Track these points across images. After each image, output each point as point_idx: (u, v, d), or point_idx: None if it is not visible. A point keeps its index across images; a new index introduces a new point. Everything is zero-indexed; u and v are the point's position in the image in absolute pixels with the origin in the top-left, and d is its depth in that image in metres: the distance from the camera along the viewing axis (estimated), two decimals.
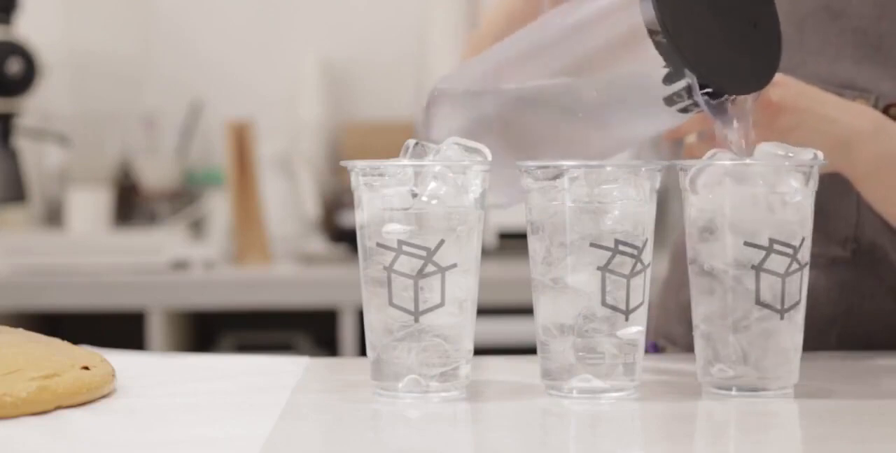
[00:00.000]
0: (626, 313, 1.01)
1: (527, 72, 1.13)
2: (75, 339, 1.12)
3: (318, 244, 2.73)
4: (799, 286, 1.02)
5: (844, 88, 1.23)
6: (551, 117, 1.13)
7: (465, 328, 1.03)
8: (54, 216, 2.87)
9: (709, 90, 1.02)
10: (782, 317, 1.02)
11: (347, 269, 2.52)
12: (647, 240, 1.01)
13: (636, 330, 1.02)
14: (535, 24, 1.17)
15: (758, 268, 1.01)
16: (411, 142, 1.03)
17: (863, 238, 1.26)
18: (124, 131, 2.91)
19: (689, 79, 1.02)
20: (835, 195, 1.23)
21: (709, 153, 1.05)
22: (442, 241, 1.00)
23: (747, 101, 1.05)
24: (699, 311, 1.04)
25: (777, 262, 1.01)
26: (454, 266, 1.01)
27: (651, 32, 1.02)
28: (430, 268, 1.00)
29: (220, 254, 2.63)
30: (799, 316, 1.03)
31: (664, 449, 0.91)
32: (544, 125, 1.14)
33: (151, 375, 1.11)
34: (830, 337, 1.28)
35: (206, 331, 2.78)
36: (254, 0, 3.00)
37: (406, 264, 1.00)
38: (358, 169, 1.03)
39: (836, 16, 1.26)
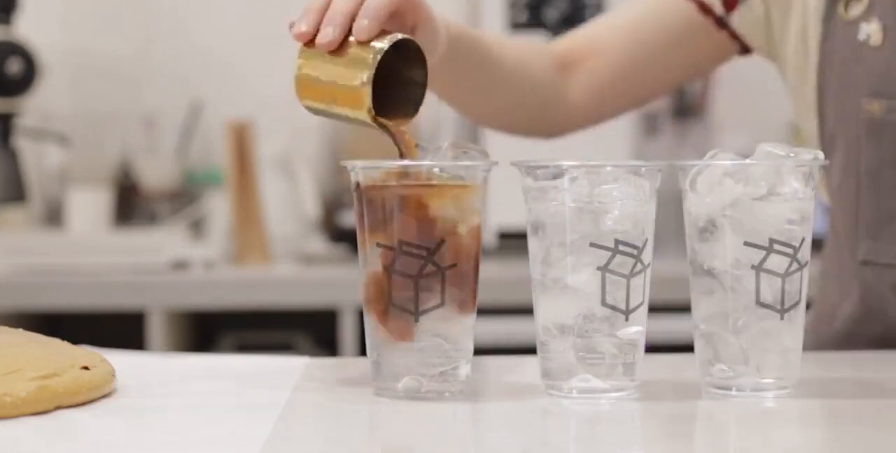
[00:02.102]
0: (626, 313, 1.01)
1: None
2: (75, 339, 1.12)
3: (318, 244, 2.73)
4: (799, 286, 1.02)
5: None
6: None
7: (465, 328, 1.03)
8: (54, 216, 2.87)
9: None
10: (782, 317, 1.02)
11: (347, 269, 2.52)
12: (647, 240, 1.01)
13: (636, 330, 1.02)
14: None
15: (758, 268, 1.01)
16: None
17: None
18: (124, 131, 2.91)
19: None
20: None
21: (709, 153, 1.05)
22: (442, 241, 1.01)
23: None
24: (699, 311, 1.04)
25: (777, 262, 1.01)
26: (454, 266, 1.01)
27: None
28: (430, 267, 1.00)
29: (220, 254, 2.63)
30: (799, 316, 1.03)
31: (664, 449, 0.91)
32: None
33: (151, 375, 1.11)
34: None
35: (206, 331, 2.78)
36: (254, 0, 3.00)
37: (406, 264, 1.00)
38: (358, 169, 1.03)
39: None
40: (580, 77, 1.40)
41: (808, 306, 1.06)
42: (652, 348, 1.06)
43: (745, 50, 1.39)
